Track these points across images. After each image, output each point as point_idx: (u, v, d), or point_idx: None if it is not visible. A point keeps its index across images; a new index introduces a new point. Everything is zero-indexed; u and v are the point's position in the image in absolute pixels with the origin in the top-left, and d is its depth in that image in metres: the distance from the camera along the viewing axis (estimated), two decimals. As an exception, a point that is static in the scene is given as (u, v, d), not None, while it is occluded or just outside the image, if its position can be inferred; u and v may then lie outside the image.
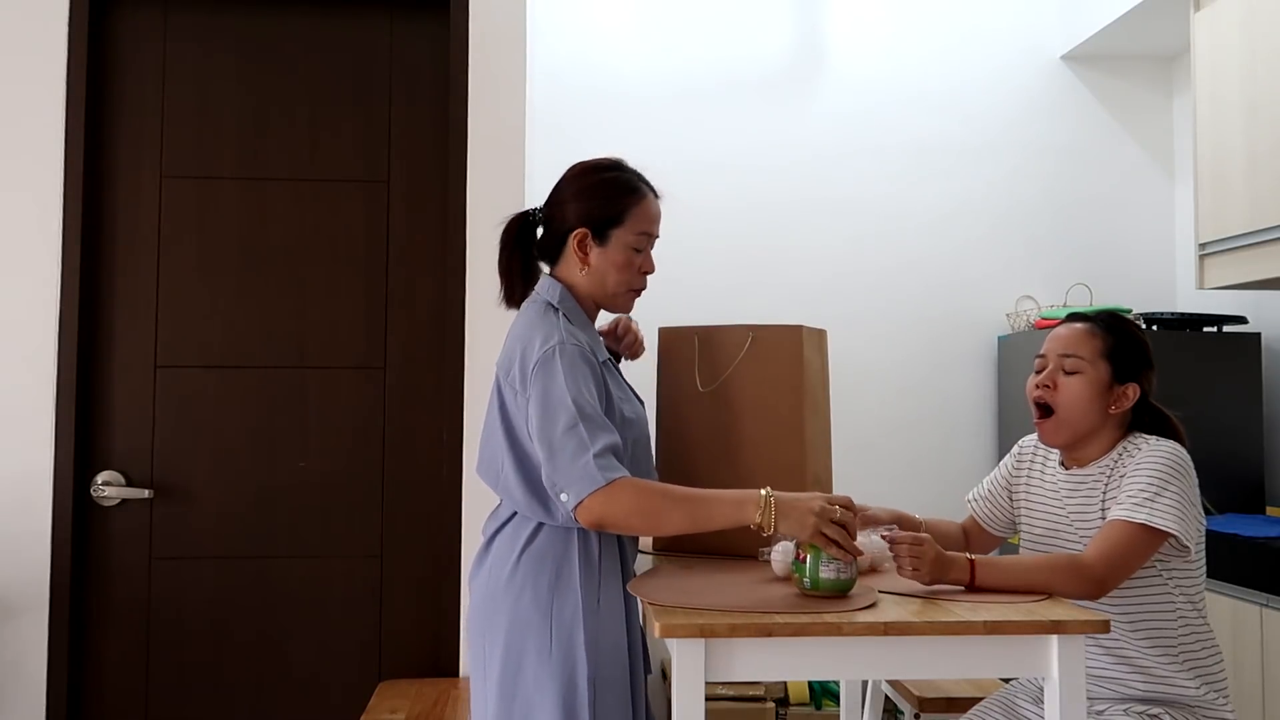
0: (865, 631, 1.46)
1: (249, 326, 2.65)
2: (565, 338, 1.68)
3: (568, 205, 1.79)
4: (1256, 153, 2.90)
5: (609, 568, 1.73)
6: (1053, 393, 1.91)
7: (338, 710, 2.61)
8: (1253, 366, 3.32)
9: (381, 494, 2.66)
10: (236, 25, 2.69)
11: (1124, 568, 1.74)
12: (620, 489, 1.59)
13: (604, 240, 1.77)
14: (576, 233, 1.77)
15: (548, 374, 1.65)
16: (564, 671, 1.65)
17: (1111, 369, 1.89)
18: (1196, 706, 1.83)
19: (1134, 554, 1.75)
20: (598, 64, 3.84)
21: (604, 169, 1.82)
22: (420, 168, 2.71)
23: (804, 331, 1.97)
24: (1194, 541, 1.81)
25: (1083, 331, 1.93)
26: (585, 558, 1.71)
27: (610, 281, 1.79)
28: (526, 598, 1.69)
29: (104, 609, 2.58)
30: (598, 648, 1.66)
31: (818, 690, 3.39)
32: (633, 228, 1.78)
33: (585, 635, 1.66)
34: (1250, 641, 2.62)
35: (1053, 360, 1.93)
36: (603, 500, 1.58)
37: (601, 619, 1.68)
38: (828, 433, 2.10)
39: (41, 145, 2.56)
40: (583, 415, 1.62)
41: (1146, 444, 1.88)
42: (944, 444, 3.86)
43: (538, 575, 1.70)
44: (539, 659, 1.66)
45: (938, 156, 3.92)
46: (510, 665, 1.69)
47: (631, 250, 1.78)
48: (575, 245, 1.78)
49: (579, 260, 1.78)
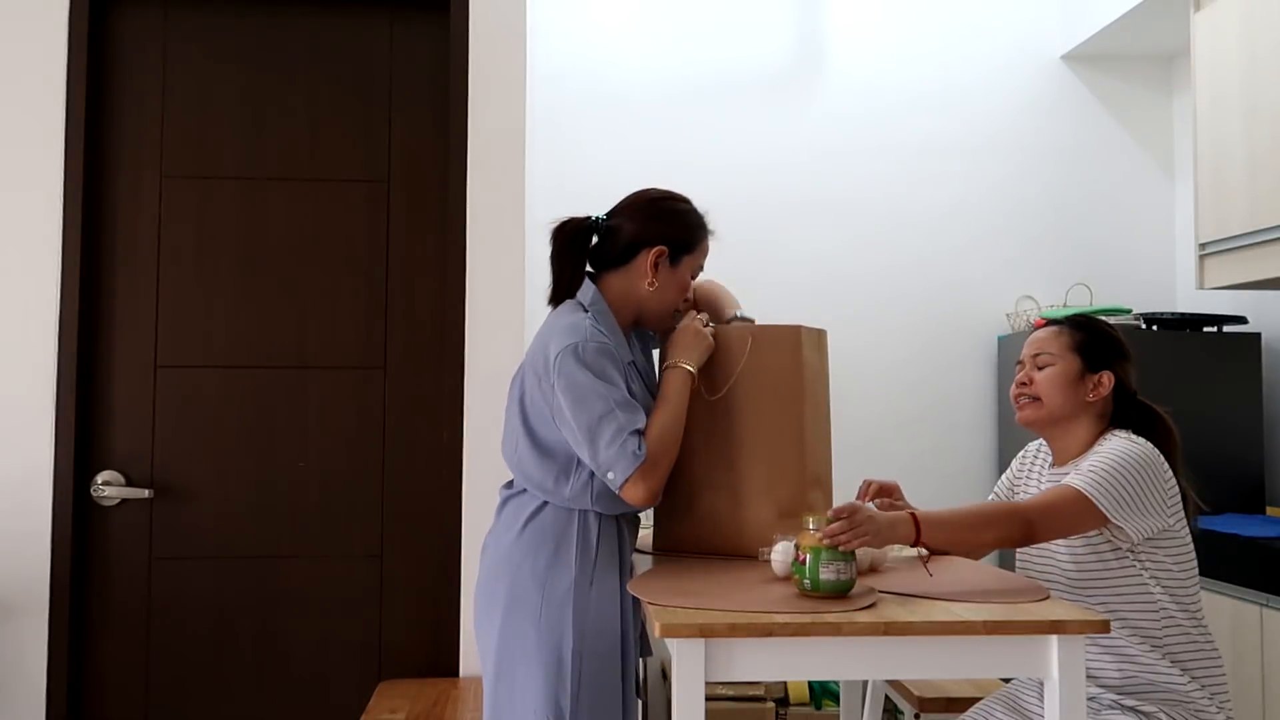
0: (865, 631, 1.46)
1: (249, 326, 2.65)
2: (591, 334, 1.80)
3: (648, 224, 1.92)
4: (1256, 152, 2.90)
5: (606, 552, 1.84)
6: (1029, 387, 1.99)
7: (338, 710, 2.61)
8: (1253, 366, 3.32)
9: (381, 494, 2.66)
10: (236, 25, 2.70)
11: (1055, 523, 1.78)
12: (654, 461, 1.76)
13: (676, 262, 1.92)
14: (656, 249, 1.90)
15: (576, 365, 1.77)
16: (552, 640, 1.76)
17: (1082, 360, 1.96)
18: (1188, 703, 1.83)
19: (1068, 516, 1.78)
20: (597, 65, 3.84)
21: (685, 201, 1.99)
22: (420, 168, 2.71)
23: (803, 331, 1.97)
24: (1145, 536, 1.83)
25: (1053, 331, 2.02)
26: (583, 539, 1.82)
27: (669, 299, 1.94)
28: (526, 568, 1.81)
29: (104, 609, 2.58)
30: (585, 623, 1.77)
31: (818, 690, 3.39)
32: (698, 258, 1.97)
33: (574, 610, 1.78)
34: (1250, 641, 2.62)
35: (1028, 362, 2.02)
36: (645, 473, 1.74)
37: (592, 598, 1.79)
38: (828, 433, 2.09)
39: (42, 145, 2.56)
40: (615, 401, 1.76)
41: (1116, 437, 1.91)
42: (944, 444, 3.86)
43: (538, 548, 1.82)
44: (532, 626, 1.78)
45: (938, 156, 3.92)
46: (507, 630, 1.80)
47: (689, 277, 1.97)
48: (651, 260, 1.90)
49: (648, 274, 1.90)
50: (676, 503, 1.98)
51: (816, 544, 1.58)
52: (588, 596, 1.79)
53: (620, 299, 1.93)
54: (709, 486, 1.95)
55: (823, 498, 2.06)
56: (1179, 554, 1.87)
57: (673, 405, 1.83)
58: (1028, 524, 1.76)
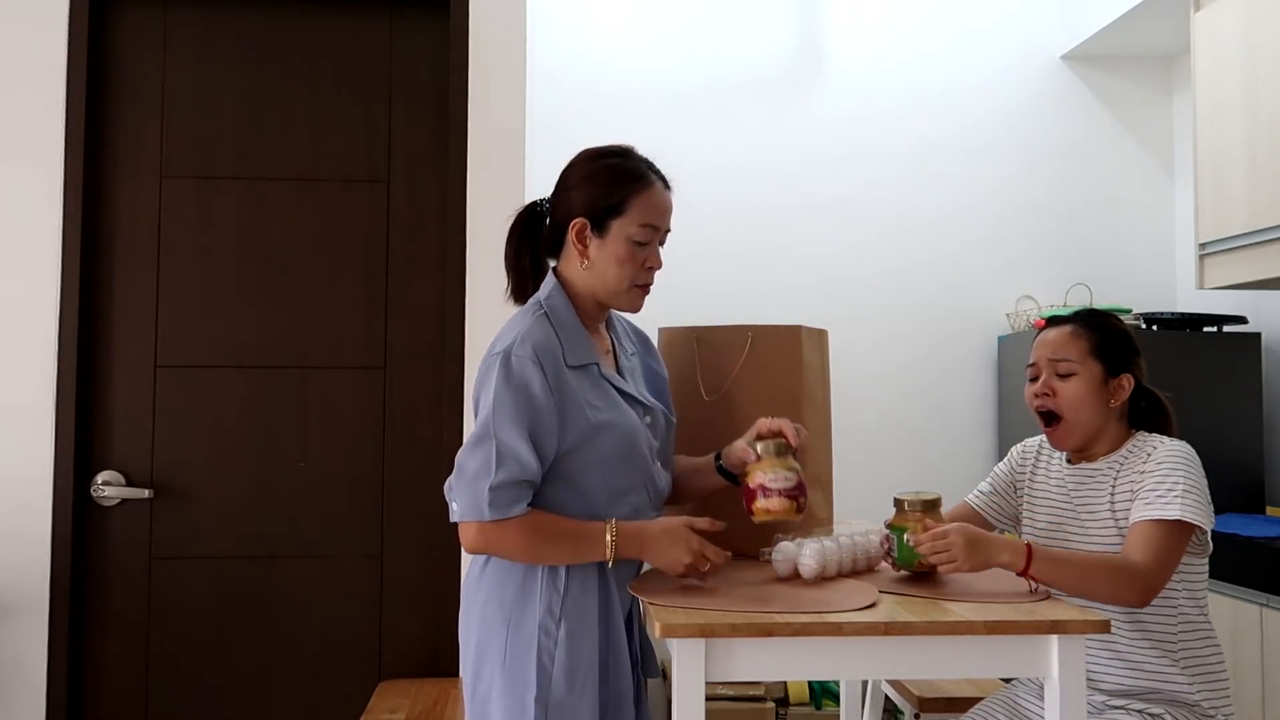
0: (865, 631, 1.46)
1: (249, 326, 2.65)
2: (517, 344, 1.62)
3: (569, 193, 1.71)
4: (1256, 152, 2.90)
5: (582, 577, 1.66)
6: (1053, 399, 1.94)
7: (338, 710, 2.61)
8: (1253, 366, 3.32)
9: (381, 494, 2.66)
10: (236, 25, 2.69)
11: (1168, 567, 1.75)
12: (502, 529, 1.59)
13: (603, 231, 1.68)
14: (575, 223, 1.68)
15: (486, 379, 1.63)
16: (515, 688, 1.62)
17: (1103, 365, 1.93)
18: (1193, 705, 1.83)
19: (1174, 551, 1.76)
20: (597, 65, 3.84)
21: (607, 155, 1.74)
22: (420, 168, 2.71)
23: (803, 332, 1.97)
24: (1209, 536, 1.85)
25: (1068, 334, 1.96)
26: (551, 570, 1.65)
27: (610, 276, 1.69)
28: (493, 602, 1.67)
29: (104, 609, 2.58)
30: (549, 671, 1.61)
31: (818, 690, 3.39)
32: (635, 218, 1.67)
33: (538, 657, 1.62)
34: (1250, 641, 2.62)
35: (1045, 366, 1.97)
36: (480, 533, 1.59)
37: (561, 641, 1.62)
38: (828, 433, 2.10)
39: (41, 145, 2.56)
40: (497, 437, 1.58)
41: (1161, 444, 1.89)
42: (944, 444, 3.86)
43: (504, 581, 1.67)
44: (499, 667, 1.64)
45: (938, 157, 3.92)
46: (476, 664, 1.68)
47: (633, 243, 1.68)
48: (574, 236, 1.69)
49: (578, 253, 1.69)
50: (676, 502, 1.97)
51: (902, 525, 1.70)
52: (554, 640, 1.62)
53: (573, 288, 1.73)
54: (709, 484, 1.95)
55: (823, 498, 2.06)
56: (1200, 550, 1.88)
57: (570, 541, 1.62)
58: (1147, 588, 1.72)
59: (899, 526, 1.72)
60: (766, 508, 1.61)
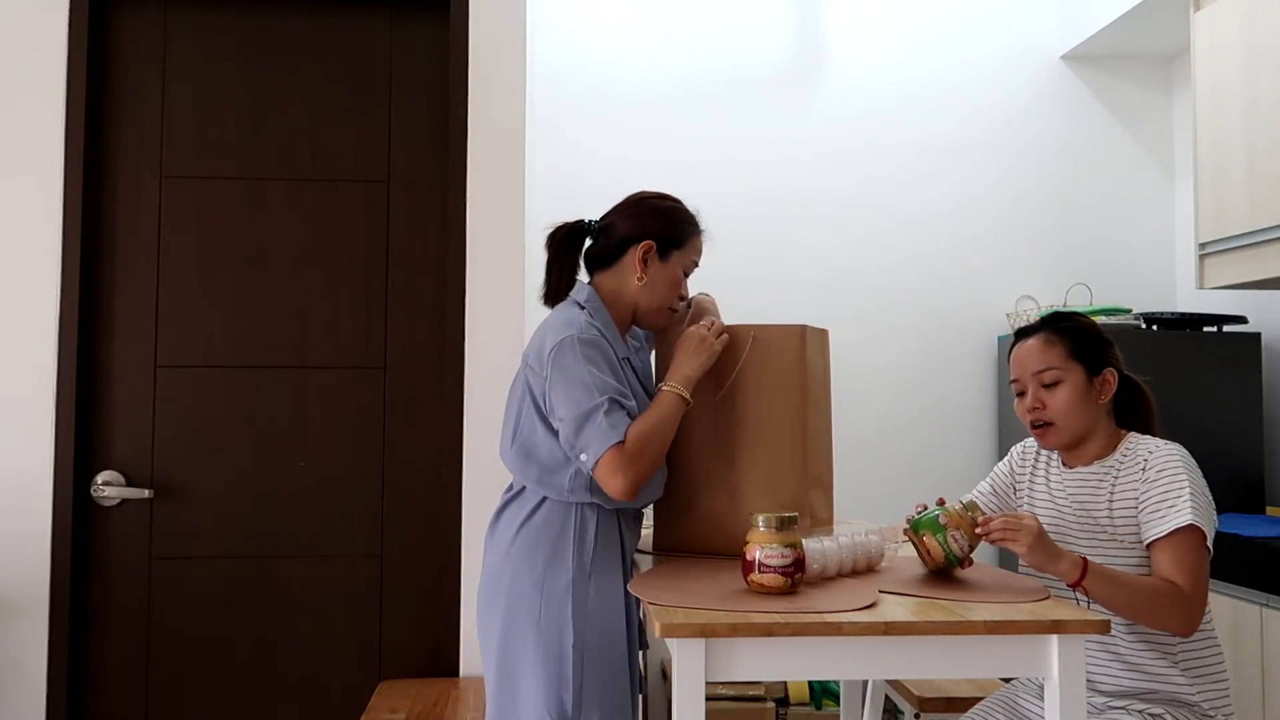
0: (865, 631, 1.46)
1: (249, 326, 2.65)
2: (585, 328, 1.83)
3: (636, 220, 1.95)
4: (1257, 152, 2.90)
5: (604, 548, 1.84)
6: (1045, 411, 1.95)
7: (338, 710, 2.61)
8: (1253, 366, 3.32)
9: (381, 494, 2.66)
10: (236, 25, 2.69)
11: (1204, 583, 1.78)
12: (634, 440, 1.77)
13: (665, 257, 1.95)
14: (643, 244, 1.93)
15: (567, 357, 1.80)
16: (551, 637, 1.77)
17: (1084, 366, 1.94)
18: (1194, 705, 1.83)
19: (1204, 565, 1.78)
20: (597, 64, 3.84)
21: (672, 199, 2.02)
22: (420, 168, 2.71)
23: (807, 331, 1.97)
24: (1212, 536, 1.84)
25: (1043, 342, 1.97)
26: (580, 538, 1.83)
27: (659, 294, 1.95)
28: (524, 570, 1.82)
29: (104, 609, 2.58)
30: (585, 618, 1.78)
31: (818, 690, 3.39)
32: (690, 253, 1.98)
33: (573, 605, 1.78)
34: (1250, 641, 2.62)
35: (1029, 382, 1.97)
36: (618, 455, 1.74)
37: (591, 594, 1.80)
38: (829, 432, 2.09)
39: (41, 145, 2.56)
40: (604, 390, 1.78)
41: (1157, 448, 1.89)
42: (944, 444, 3.86)
43: (534, 550, 1.83)
44: (532, 626, 1.79)
45: (938, 156, 3.92)
46: (507, 632, 1.81)
47: (681, 272, 1.98)
48: (639, 256, 1.93)
49: (638, 269, 1.93)
50: (676, 502, 1.98)
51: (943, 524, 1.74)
52: (586, 592, 1.79)
53: (613, 298, 1.95)
54: (709, 486, 1.95)
55: (823, 497, 2.06)
56: None
57: (661, 416, 1.82)
58: (1193, 615, 1.75)
59: (938, 525, 1.75)
60: (761, 582, 1.62)
